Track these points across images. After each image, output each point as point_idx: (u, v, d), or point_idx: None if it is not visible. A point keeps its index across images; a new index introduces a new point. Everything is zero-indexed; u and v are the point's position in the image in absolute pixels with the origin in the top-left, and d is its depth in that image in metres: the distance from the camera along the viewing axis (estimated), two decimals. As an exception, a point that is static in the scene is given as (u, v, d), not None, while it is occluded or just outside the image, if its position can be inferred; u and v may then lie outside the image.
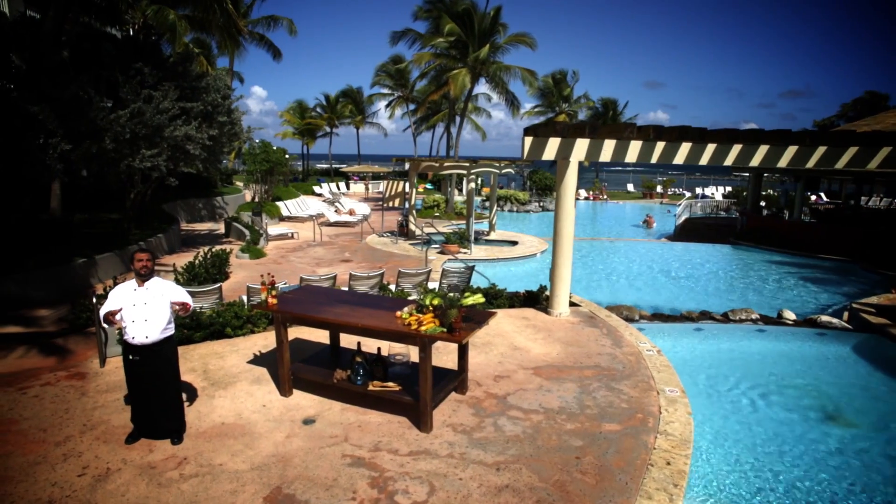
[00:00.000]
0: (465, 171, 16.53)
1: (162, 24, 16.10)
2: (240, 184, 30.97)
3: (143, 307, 4.50)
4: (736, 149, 8.30)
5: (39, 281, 9.89)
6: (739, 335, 8.91)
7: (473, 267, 10.02)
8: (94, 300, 6.37)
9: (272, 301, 5.53)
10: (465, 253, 15.55)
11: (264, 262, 13.90)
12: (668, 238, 23.79)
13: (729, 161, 8.54)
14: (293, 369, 5.69)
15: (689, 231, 24.53)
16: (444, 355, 6.68)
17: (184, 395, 5.13)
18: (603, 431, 5.11)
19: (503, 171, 16.88)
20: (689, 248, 19.49)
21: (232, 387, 5.89)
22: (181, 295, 4.71)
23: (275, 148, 23.55)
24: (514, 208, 30.78)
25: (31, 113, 9.13)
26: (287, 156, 23.88)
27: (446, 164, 16.47)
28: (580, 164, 8.49)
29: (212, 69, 23.91)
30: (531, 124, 8.72)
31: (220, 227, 20.47)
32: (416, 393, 5.17)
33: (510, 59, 27.42)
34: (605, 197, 42.27)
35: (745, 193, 28.29)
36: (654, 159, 8.45)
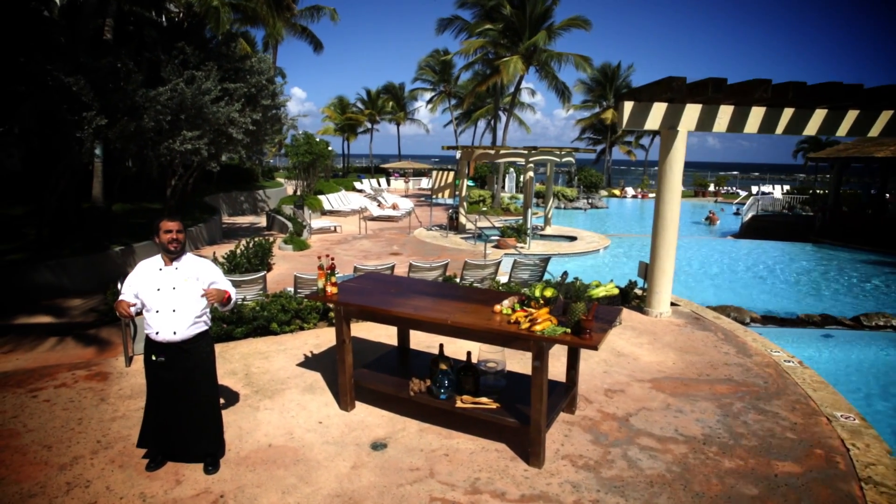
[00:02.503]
0: (522, 160, 15.18)
1: (205, 10, 15.44)
2: (281, 180, 30.50)
3: (170, 293, 3.39)
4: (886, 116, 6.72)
5: (75, 269, 9.15)
6: (884, 343, 7.27)
7: (549, 258, 8.69)
8: (119, 285, 5.35)
9: (332, 290, 4.36)
10: (521, 247, 14.21)
11: (308, 253, 12.92)
12: (734, 236, 22.11)
13: (874, 132, 6.96)
14: (356, 377, 4.51)
15: (757, 229, 22.67)
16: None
17: (222, 407, 4.01)
18: (779, 474, 3.71)
19: (563, 159, 15.45)
20: (762, 245, 17.68)
21: (280, 396, 4.75)
22: (220, 279, 3.58)
23: (317, 140, 22.76)
24: (562, 205, 29.19)
25: (65, 84, 8.31)
26: (330, 148, 23.04)
27: (502, 152, 15.15)
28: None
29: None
30: (629, 89, 7.33)
31: (262, 221, 19.86)
32: (520, 413, 3.90)
33: (559, 47, 25.80)
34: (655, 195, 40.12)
35: (818, 191, 25.98)
36: (779, 129, 6.95)
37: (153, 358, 3.43)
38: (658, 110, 6.78)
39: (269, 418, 4.35)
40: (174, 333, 3.38)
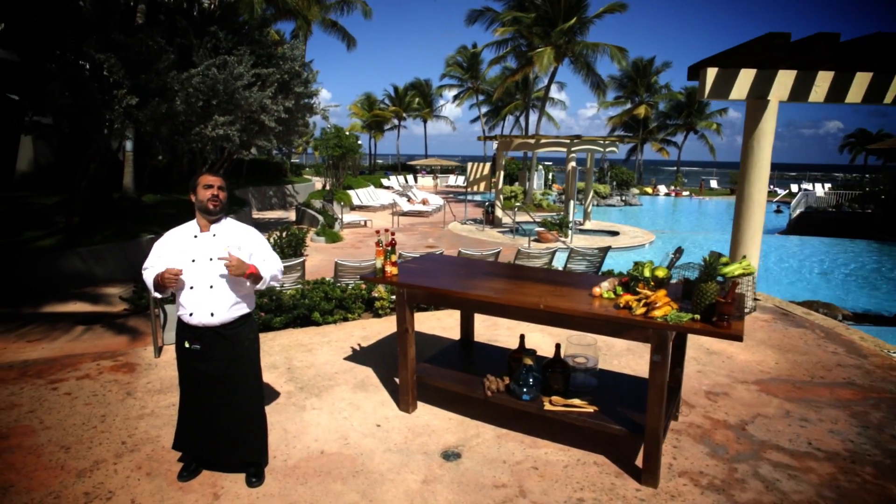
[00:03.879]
0: (564, 150, 14.39)
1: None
2: (309, 177, 30.25)
3: (207, 266, 2.77)
4: None
5: (105, 257, 8.77)
6: None
7: (608, 249, 7.93)
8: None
9: (392, 270, 3.71)
10: (563, 241, 13.44)
11: (341, 245, 12.38)
12: (781, 232, 21.09)
13: None
14: (418, 372, 3.85)
15: (806, 225, 21.56)
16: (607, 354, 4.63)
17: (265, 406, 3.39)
18: (965, 503, 2.92)
19: (607, 150, 14.61)
20: (814, 242, 16.58)
21: (328, 394, 4.12)
22: (264, 250, 2.95)
23: (347, 133, 22.32)
24: (595, 202, 28.22)
25: (96, 62, 7.89)
26: (359, 142, 22.60)
27: (543, 141, 14.38)
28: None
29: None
30: (709, 56, 6.55)
31: (291, 215, 19.51)
32: (624, 418, 3.19)
33: (593, 37, 24.85)
34: (690, 193, 38.77)
35: (869, 188, 24.47)
36: (888, 99, 6.07)
37: (186, 345, 2.81)
38: (745, 78, 5.97)
39: (318, 419, 3.71)
40: (211, 315, 2.75)
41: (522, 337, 3.71)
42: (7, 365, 4.53)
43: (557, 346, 3.54)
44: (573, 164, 14.40)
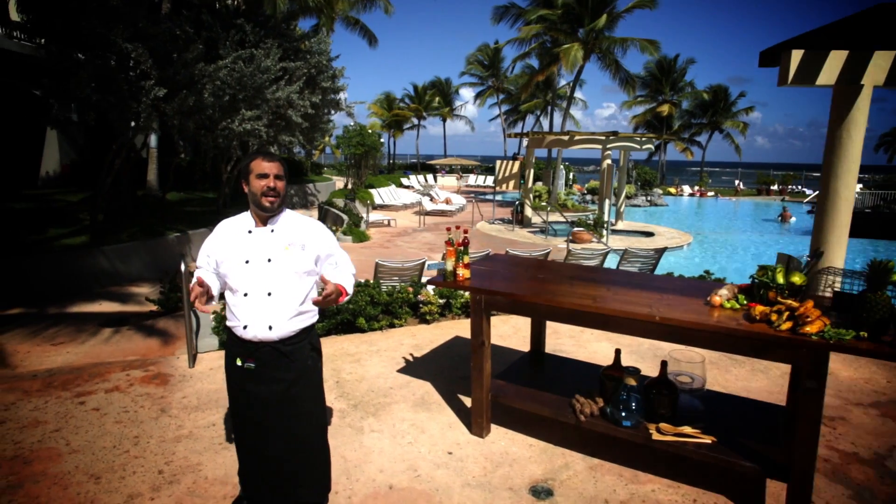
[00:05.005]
0: (599, 147, 13.80)
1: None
2: (330, 176, 29.96)
3: (264, 268, 2.27)
4: None
5: (131, 255, 8.44)
6: None
7: (664, 250, 7.36)
8: (183, 268, 4.36)
9: (464, 274, 3.21)
10: (598, 242, 12.86)
11: (370, 245, 11.96)
12: None
13: None
14: (493, 391, 3.34)
15: (851, 227, 20.52)
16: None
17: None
18: None
19: (644, 147, 13.98)
20: (861, 243, 15.73)
21: (386, 413, 3.63)
22: (337, 252, 2.47)
23: (370, 131, 21.95)
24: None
25: (124, 51, 7.53)
26: (382, 140, 22.22)
27: (578, 138, 13.81)
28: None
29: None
30: (790, 38, 5.97)
31: (313, 214, 19.13)
32: (750, 451, 2.66)
33: (619, 32, 24.12)
34: (716, 193, 37.75)
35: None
36: None
37: (238, 363, 2.33)
38: (835, 60, 5.37)
39: (379, 445, 3.23)
40: (269, 328, 2.26)
41: (618, 352, 3.18)
42: (31, 374, 4.13)
43: (664, 364, 3.01)
44: (608, 161, 13.81)
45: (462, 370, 4.28)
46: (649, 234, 15.21)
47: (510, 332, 5.23)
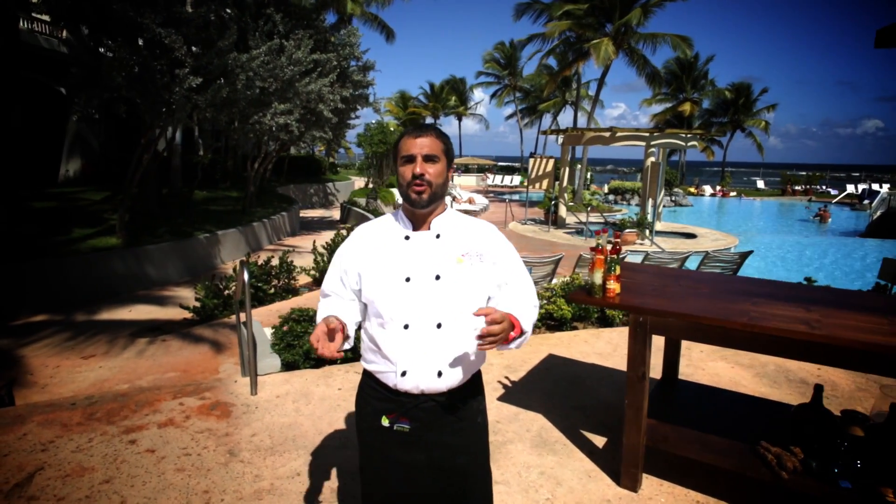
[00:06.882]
0: (643, 144, 13.10)
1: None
2: (349, 175, 29.42)
3: (432, 287, 1.57)
4: None
5: (160, 257, 7.87)
6: None
7: (751, 252, 6.68)
8: (236, 269, 3.71)
9: (615, 288, 2.55)
10: (643, 244, 12.16)
11: (405, 248, 11.33)
12: (861, 235, 19.60)
13: None
14: (649, 434, 2.68)
15: (890, 227, 19.83)
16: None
17: None
18: None
19: (689, 144, 13.27)
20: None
21: (505, 456, 2.97)
22: (521, 270, 1.72)
23: (392, 129, 21.35)
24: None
25: (156, 38, 6.95)
26: (403, 138, 21.63)
27: (620, 135, 13.11)
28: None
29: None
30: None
31: (334, 214, 18.67)
32: None
33: (649, 27, 23.37)
34: (739, 193, 36.87)
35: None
36: None
37: (386, 423, 1.65)
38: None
39: (512, 500, 2.58)
40: (439, 375, 1.59)
41: (819, 389, 2.51)
42: (69, 403, 3.51)
43: (893, 407, 2.33)
44: (652, 159, 13.10)
45: (574, 398, 3.62)
46: (691, 236, 14.48)
47: (608, 349, 4.56)
